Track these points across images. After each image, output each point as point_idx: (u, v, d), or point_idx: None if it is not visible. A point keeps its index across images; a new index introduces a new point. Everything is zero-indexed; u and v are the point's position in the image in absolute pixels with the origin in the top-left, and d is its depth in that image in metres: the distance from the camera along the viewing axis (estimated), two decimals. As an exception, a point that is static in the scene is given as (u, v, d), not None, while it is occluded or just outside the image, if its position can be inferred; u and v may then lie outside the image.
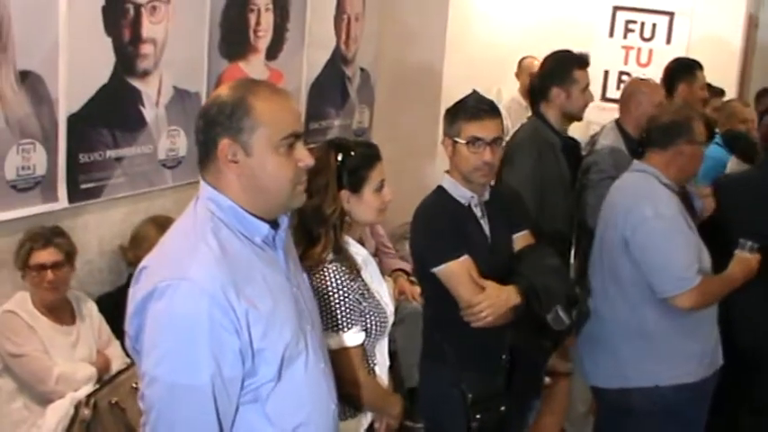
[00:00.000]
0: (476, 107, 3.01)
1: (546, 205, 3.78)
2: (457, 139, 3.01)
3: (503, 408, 3.05)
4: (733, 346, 3.57)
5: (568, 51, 4.05)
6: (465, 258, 2.94)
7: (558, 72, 3.93)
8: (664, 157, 3.32)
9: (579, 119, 4.47)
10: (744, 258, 3.38)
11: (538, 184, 3.76)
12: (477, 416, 2.97)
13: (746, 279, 3.38)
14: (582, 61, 3.98)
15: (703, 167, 3.62)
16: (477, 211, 3.09)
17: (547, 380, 5.43)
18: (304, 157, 2.02)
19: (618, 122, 4.45)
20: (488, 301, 2.90)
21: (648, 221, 3.22)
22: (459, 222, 3.02)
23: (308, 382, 2.09)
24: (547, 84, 3.94)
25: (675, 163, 3.32)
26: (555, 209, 3.86)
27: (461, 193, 3.06)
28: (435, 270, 2.96)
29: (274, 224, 2.07)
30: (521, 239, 3.19)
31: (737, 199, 3.93)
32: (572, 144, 4.41)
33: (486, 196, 3.12)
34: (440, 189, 3.11)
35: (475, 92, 3.10)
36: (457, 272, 2.94)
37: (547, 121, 3.97)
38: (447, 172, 3.12)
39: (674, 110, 3.52)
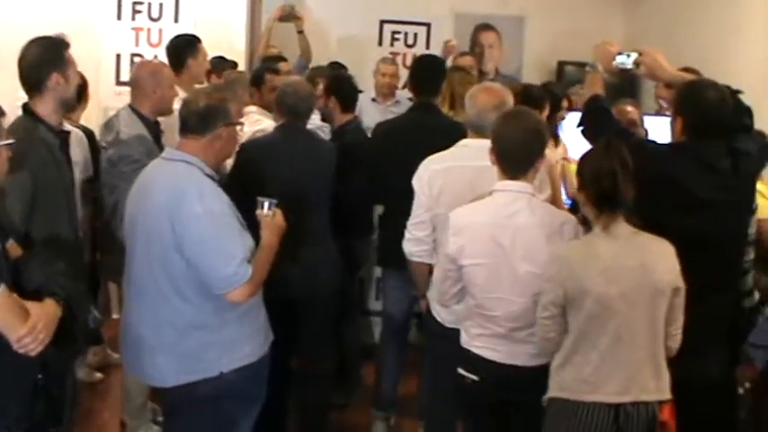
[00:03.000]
0: None
1: (42, 213, 3.49)
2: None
3: (52, 430, 2.88)
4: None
5: (47, 36, 3.81)
6: (3, 287, 2.60)
7: (53, 56, 3.68)
8: (201, 143, 3.25)
9: (74, 107, 4.30)
10: (269, 221, 3.38)
11: (29, 192, 3.45)
12: None
13: (281, 236, 3.39)
14: (67, 43, 3.77)
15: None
16: None
17: (99, 375, 5.36)
18: None
19: (132, 107, 4.34)
20: (42, 322, 2.64)
21: (199, 219, 3.13)
22: None
23: None
24: (44, 71, 3.65)
25: (213, 147, 3.28)
26: (56, 215, 3.61)
27: None
28: None
29: None
30: (11, 249, 2.89)
31: (261, 160, 4.11)
32: (88, 134, 4.28)
33: None
34: None
35: None
36: (2, 304, 2.60)
37: (39, 117, 3.67)
38: None
39: (207, 93, 3.45)
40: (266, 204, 3.38)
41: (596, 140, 3.28)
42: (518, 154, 3.18)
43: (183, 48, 5.15)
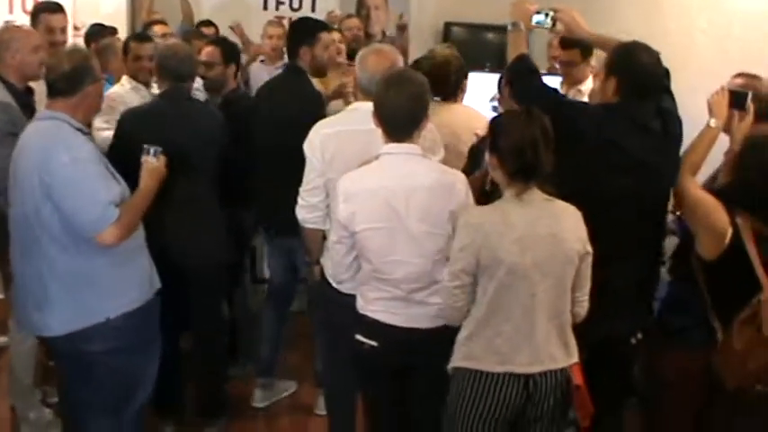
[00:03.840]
0: None
1: None
2: None
3: None
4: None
5: None
6: None
7: None
8: (70, 103, 3.35)
9: None
10: (151, 166, 3.56)
11: None
12: None
13: (160, 184, 3.58)
14: None
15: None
16: None
17: (-17, 362, 5.15)
18: None
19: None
20: None
21: (66, 167, 3.23)
22: None
23: None
24: None
25: (83, 105, 3.39)
26: None
27: None
28: None
29: None
30: None
31: (143, 126, 4.08)
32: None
33: None
34: None
35: None
36: None
37: None
38: None
39: (68, 55, 3.47)
40: (152, 150, 3.58)
41: (526, 102, 3.24)
42: (401, 119, 3.16)
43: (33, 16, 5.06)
